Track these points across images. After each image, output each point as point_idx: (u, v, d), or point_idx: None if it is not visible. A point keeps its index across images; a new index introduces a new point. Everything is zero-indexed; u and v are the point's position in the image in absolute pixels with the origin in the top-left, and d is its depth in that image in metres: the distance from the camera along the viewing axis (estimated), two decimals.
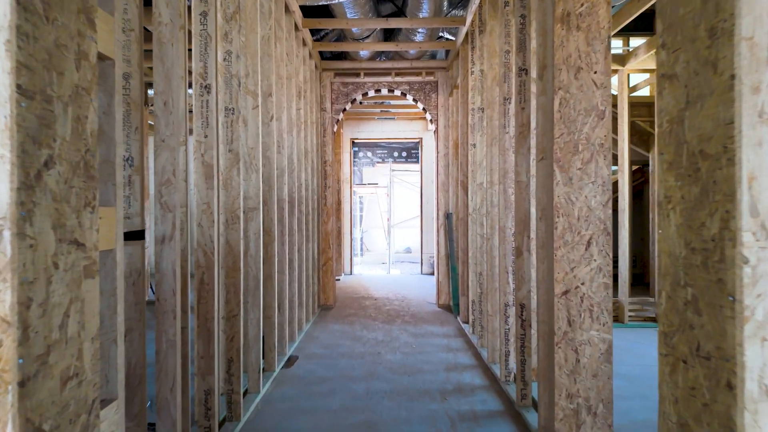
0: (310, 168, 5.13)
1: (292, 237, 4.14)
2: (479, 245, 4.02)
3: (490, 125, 3.57)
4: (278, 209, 3.75)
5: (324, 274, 5.77)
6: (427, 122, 8.69)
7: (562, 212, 2.20)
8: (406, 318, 5.19)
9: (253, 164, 3.02)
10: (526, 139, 2.79)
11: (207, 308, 2.26)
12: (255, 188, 3.02)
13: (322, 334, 4.54)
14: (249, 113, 3.02)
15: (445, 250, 5.73)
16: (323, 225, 5.75)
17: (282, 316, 3.78)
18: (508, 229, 3.17)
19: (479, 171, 4.02)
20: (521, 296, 2.79)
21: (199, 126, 2.26)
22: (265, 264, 3.40)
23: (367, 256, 12.48)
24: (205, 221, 2.25)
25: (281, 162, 3.76)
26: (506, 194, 3.17)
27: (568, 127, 2.20)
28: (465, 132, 4.79)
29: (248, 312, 3.03)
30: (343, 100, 5.75)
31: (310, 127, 5.14)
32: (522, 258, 2.79)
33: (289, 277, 4.12)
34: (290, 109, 4.10)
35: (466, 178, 4.81)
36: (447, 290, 5.75)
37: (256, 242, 3.02)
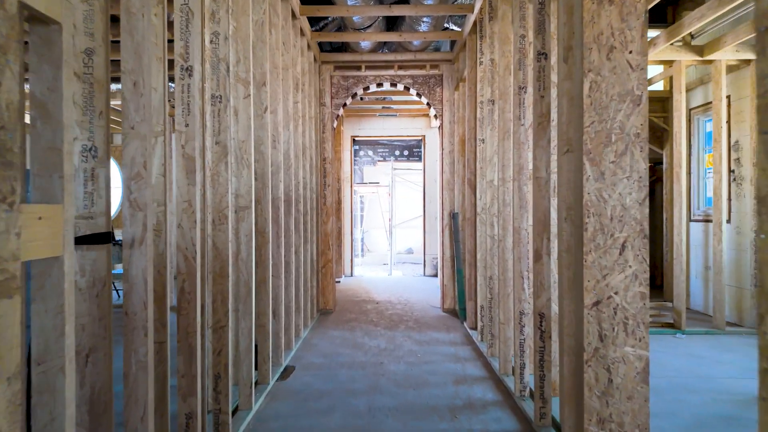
0: (309, 165, 4.86)
1: (289, 238, 3.87)
2: (489, 247, 3.75)
3: (503, 118, 3.30)
4: (273, 208, 3.48)
5: (323, 276, 5.50)
6: (430, 119, 8.42)
7: (593, 212, 1.93)
8: (409, 323, 4.92)
9: (244, 159, 2.75)
10: (546, 130, 2.52)
11: (188, 321, 1.99)
12: (247, 185, 2.75)
13: (321, 341, 4.27)
14: (240, 103, 2.75)
15: (451, 251, 5.46)
16: (322, 225, 5.48)
17: (277, 323, 3.51)
18: (524, 230, 2.90)
19: (489, 167, 3.75)
20: (540, 305, 2.52)
21: (180, 114, 1.99)
22: (258, 268, 3.13)
23: (368, 257, 12.22)
24: (186, 222, 1.99)
25: (276, 158, 3.49)
26: (521, 192, 2.90)
27: (600, 114, 1.93)
28: (473, 127, 4.52)
29: (239, 321, 2.76)
30: (343, 94, 5.48)
31: (308, 122, 4.87)
32: (541, 262, 2.52)
33: (285, 282, 3.85)
34: (286, 101, 3.83)
35: (473, 176, 4.55)
36: (452, 294, 5.48)
37: (248, 244, 2.75)
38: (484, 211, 4.07)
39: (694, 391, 3.03)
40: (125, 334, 1.59)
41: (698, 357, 3.76)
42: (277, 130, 3.49)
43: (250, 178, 2.75)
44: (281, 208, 3.51)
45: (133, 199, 1.58)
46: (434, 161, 8.44)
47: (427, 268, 8.55)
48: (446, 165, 5.48)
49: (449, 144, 5.45)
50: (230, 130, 2.42)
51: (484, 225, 4.07)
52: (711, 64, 4.60)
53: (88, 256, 1.53)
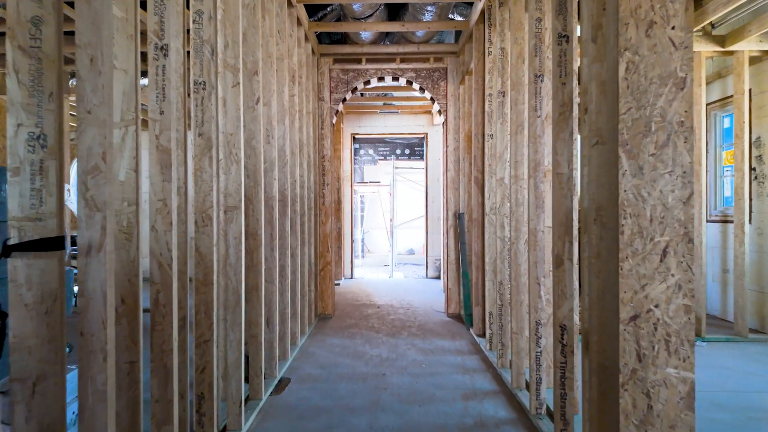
0: (306, 163, 4.60)
1: (284, 240, 3.62)
2: (499, 250, 3.49)
3: (515, 110, 3.05)
4: (266, 208, 3.22)
5: (322, 280, 5.24)
6: (432, 116, 8.17)
7: (631, 212, 1.68)
8: (412, 330, 4.66)
9: (233, 154, 2.49)
10: (568, 121, 2.26)
11: (163, 337, 1.73)
12: (236, 183, 2.49)
13: (319, 349, 4.01)
14: (228, 93, 2.49)
15: (455, 253, 5.20)
16: (321, 226, 5.22)
17: (271, 332, 3.25)
18: (540, 232, 2.64)
19: (499, 165, 3.49)
20: (562, 316, 2.27)
21: (154, 99, 1.73)
22: (249, 273, 2.87)
23: (369, 258, 11.96)
24: (161, 223, 1.73)
25: (270, 154, 3.23)
26: (538, 190, 2.64)
27: (638, 100, 1.68)
28: (480, 122, 4.26)
29: (227, 333, 2.50)
30: (342, 88, 5.23)
31: (305, 118, 4.61)
32: (563, 269, 2.26)
33: (281, 287, 3.60)
34: (281, 94, 3.58)
35: (480, 174, 4.29)
36: (457, 298, 5.22)
37: (237, 248, 2.49)
38: (493, 212, 3.82)
39: (725, 408, 2.78)
40: (80, 359, 1.33)
41: (723, 368, 3.50)
42: (271, 124, 3.23)
43: (239, 175, 2.50)
44: (275, 208, 3.25)
45: (89, 197, 1.33)
46: (437, 160, 8.18)
47: (430, 269, 8.29)
48: (451, 163, 5.23)
49: (454, 141, 5.19)
50: (215, 121, 2.17)
51: (494, 226, 3.81)
52: (732, 55, 4.35)
53: (36, 266, 1.28)
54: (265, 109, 3.22)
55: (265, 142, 3.23)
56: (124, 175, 1.69)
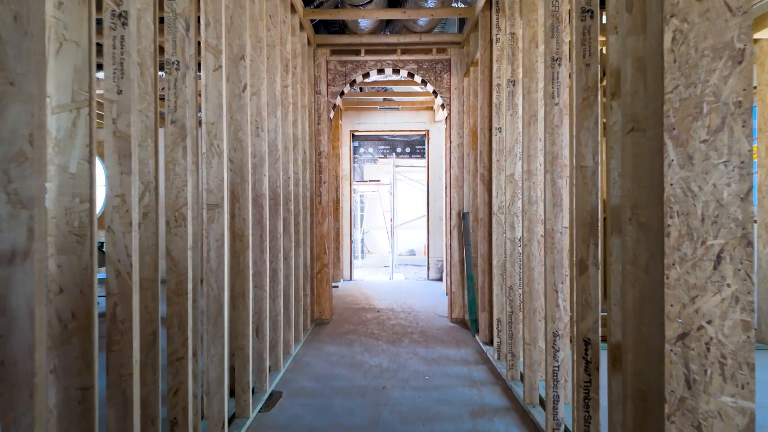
0: (301, 159, 4.33)
1: (276, 241, 3.35)
2: (509, 252, 3.22)
3: (528, 99, 2.77)
4: (255, 207, 2.95)
5: (318, 283, 4.97)
6: (434, 113, 7.89)
7: (679, 210, 1.41)
8: (414, 336, 4.39)
9: (214, 145, 2.22)
10: (593, 108, 1.99)
11: (122, 359, 1.46)
12: (217, 178, 2.22)
13: (315, 359, 3.74)
14: (209, 77, 2.22)
15: (459, 255, 4.93)
16: (317, 226, 4.95)
17: (261, 342, 2.98)
18: (558, 233, 2.37)
19: (509, 160, 3.22)
20: (586, 328, 2.00)
21: (111, 76, 1.46)
22: (235, 279, 2.60)
23: (369, 258, 11.69)
24: (118, 224, 1.46)
25: (260, 148, 2.96)
26: (555, 186, 2.37)
27: (687, 76, 1.41)
28: (486, 115, 3.99)
29: (208, 347, 2.23)
30: (340, 81, 4.95)
31: (300, 111, 4.34)
32: (587, 275, 1.99)
33: (272, 292, 3.33)
34: (273, 83, 3.31)
35: (487, 171, 4.02)
36: (461, 302, 4.95)
37: (219, 251, 2.22)
38: (501, 211, 3.54)
39: (762, 429, 2.51)
40: (1, 393, 1.06)
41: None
42: (261, 116, 2.96)
43: (221, 170, 2.22)
44: (266, 206, 2.98)
45: (12, 190, 1.06)
46: (439, 157, 7.91)
47: (431, 271, 8.02)
48: (454, 160, 4.95)
49: (458, 136, 4.92)
50: (190, 106, 1.90)
51: (502, 226, 3.54)
52: (756, 44, 4.08)
53: None
54: (254, 98, 2.95)
55: (254, 135, 2.96)
56: (76, 167, 1.43)
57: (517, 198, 3.19)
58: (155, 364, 1.79)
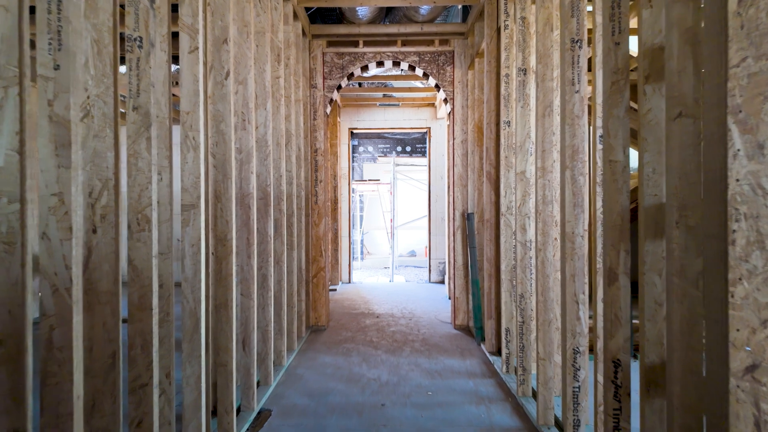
0: (295, 157, 4.07)
1: (266, 245, 3.08)
2: (519, 257, 2.95)
3: (542, 88, 2.51)
4: (242, 208, 2.69)
5: (314, 287, 4.70)
6: (436, 109, 7.63)
7: (746, 212, 1.14)
8: (416, 345, 4.12)
9: (189, 138, 1.95)
10: (623, 93, 1.72)
11: (60, 395, 1.19)
12: (193, 175, 1.96)
13: (309, 371, 3.47)
14: (184, 60, 1.96)
15: (464, 258, 4.66)
16: (313, 228, 4.68)
17: (248, 356, 2.72)
18: (579, 236, 2.10)
19: (519, 156, 2.95)
20: (615, 347, 1.73)
21: (45, 48, 1.20)
22: (218, 288, 2.34)
23: (368, 260, 11.43)
24: (55, 229, 1.19)
25: (247, 142, 2.70)
26: (576, 184, 2.10)
27: (757, 46, 1.14)
28: (493, 109, 3.72)
29: (184, 367, 1.96)
30: (337, 74, 4.69)
31: (294, 106, 4.07)
32: (617, 286, 1.73)
33: (261, 301, 3.06)
34: (263, 73, 3.04)
35: (494, 169, 3.75)
36: (465, 308, 4.68)
37: (195, 258, 1.96)
38: (510, 211, 3.28)
39: None
40: None
41: None
42: (248, 107, 2.70)
43: (197, 165, 1.96)
44: (253, 207, 2.72)
45: None
46: (440, 155, 7.64)
47: (433, 273, 7.75)
48: (458, 157, 4.69)
49: (461, 132, 4.65)
50: (157, 90, 1.63)
51: (511, 228, 3.27)
52: None
53: None
54: (240, 88, 2.69)
55: (239, 128, 2.69)
56: (3, 159, 1.16)
57: (529, 197, 2.92)
58: (115, 392, 1.53)
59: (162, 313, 1.87)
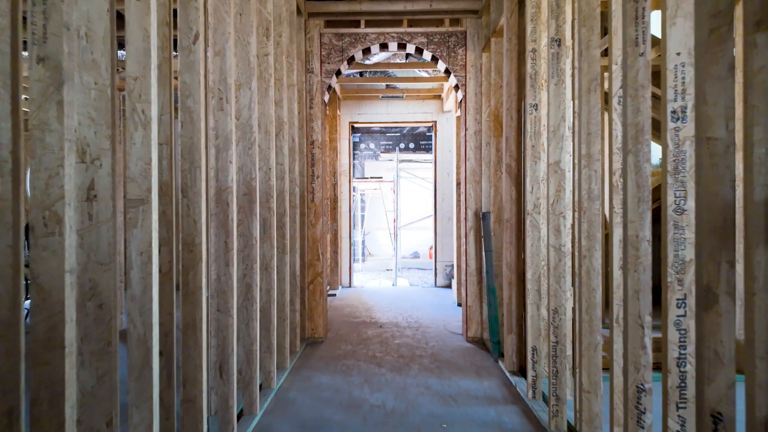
0: (288, 148, 3.60)
1: (251, 249, 2.61)
2: (553, 263, 2.47)
3: (587, 57, 2.03)
4: (219, 204, 2.22)
5: (311, 295, 4.23)
6: (442, 102, 7.15)
7: None
8: (424, 361, 3.65)
9: (137, 111, 1.48)
10: (725, 44, 1.25)
11: None
12: (143, 159, 1.49)
13: (302, 394, 3.00)
14: (131, 7, 1.49)
15: (477, 263, 4.19)
16: (309, 228, 4.21)
17: (225, 384, 2.25)
18: (644, 241, 1.63)
19: (553, 143, 2.47)
20: (714, 395, 1.25)
21: None
22: (184, 305, 1.87)
23: (370, 261, 10.95)
24: None
25: (224, 125, 2.23)
26: (641, 173, 1.63)
27: None
28: (513, 93, 3.25)
29: (131, 415, 1.49)
30: (336, 57, 4.21)
31: (288, 91, 3.61)
32: (717, 311, 1.25)
33: (244, 315, 2.59)
34: (247, 46, 2.57)
35: (515, 161, 3.28)
36: (479, 318, 4.21)
37: (145, 269, 1.49)
38: (538, 210, 2.80)
39: None
40: None
41: None
42: (226, 83, 2.23)
43: (148, 148, 1.49)
44: (232, 204, 2.24)
45: None
46: (447, 151, 7.17)
47: (439, 277, 7.27)
48: (470, 150, 4.21)
49: (475, 122, 4.17)
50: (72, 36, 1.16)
51: (539, 229, 2.80)
52: None
53: None
54: (217, 60, 2.22)
55: (216, 108, 2.22)
56: None
57: (563, 192, 2.45)
58: None
59: (100, 343, 1.40)
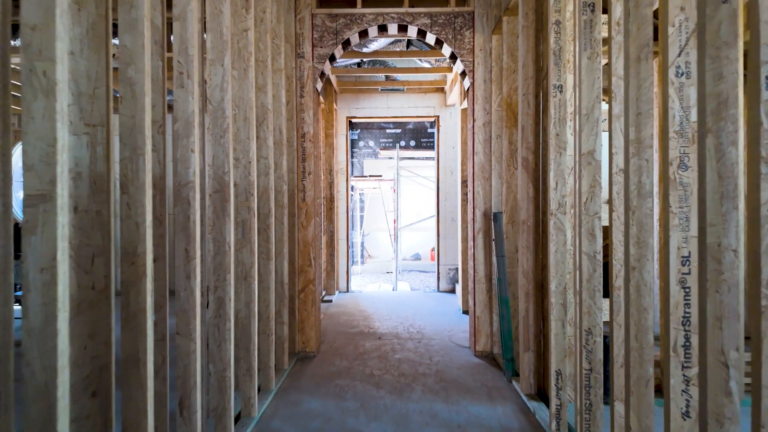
0: (273, 140, 3.19)
1: (223, 256, 2.19)
2: (586, 275, 2.05)
3: (636, 17, 1.62)
4: (178, 203, 1.80)
5: (302, 305, 3.82)
6: (445, 95, 6.73)
7: None
8: (429, 381, 3.23)
9: (37, 73, 1.07)
10: None
11: None
12: (44, 140, 1.07)
13: (288, 424, 2.59)
14: None
15: (486, 269, 3.77)
16: (300, 231, 3.80)
17: (188, 423, 1.83)
18: (729, 250, 1.21)
19: (586, 128, 2.05)
20: None
21: None
22: (124, 330, 1.46)
23: (369, 263, 10.53)
24: None
25: (185, 105, 1.81)
26: (725, 160, 1.21)
27: None
28: (531, 75, 2.84)
29: None
30: (329, 41, 3.80)
31: (274, 75, 3.20)
32: None
33: (215, 335, 2.17)
34: (218, 15, 2.16)
35: (532, 154, 2.86)
36: (488, 330, 3.79)
37: (49, 293, 1.07)
38: (563, 209, 2.39)
39: None
40: None
41: None
42: (187, 54, 1.81)
43: (52, 123, 1.07)
44: (194, 203, 1.83)
45: None
46: (451, 148, 6.75)
47: (442, 281, 6.85)
48: (478, 144, 3.80)
49: (484, 113, 3.76)
50: None
51: (564, 232, 2.38)
52: None
53: None
54: (177, 26, 1.81)
55: (177, 85, 1.81)
56: None
57: (599, 188, 2.03)
58: None
59: None
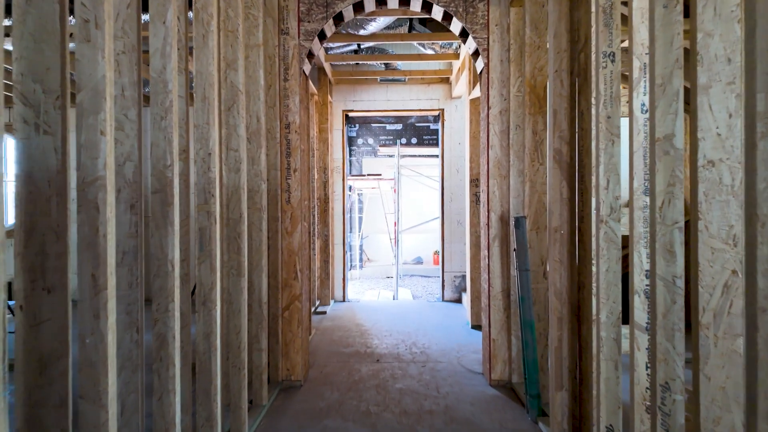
0: (247, 128, 2.63)
1: (164, 279, 1.63)
2: (662, 308, 1.48)
3: None
4: (83, 209, 1.24)
5: (286, 325, 3.25)
6: (451, 87, 6.17)
7: None
8: (436, 422, 2.67)
9: None
10: None
11: None
12: None
13: None
14: None
15: (504, 283, 3.21)
16: (284, 238, 3.23)
17: None
18: None
19: (661, 104, 1.47)
20: None
21: None
22: None
23: (368, 268, 9.97)
24: None
25: (91, 67, 1.25)
26: None
27: None
28: (565, 49, 2.28)
29: None
30: (318, 14, 3.24)
31: (246, 50, 2.64)
32: None
33: (157, 385, 1.61)
34: None
35: (567, 144, 2.30)
36: (506, 356, 3.23)
37: None
38: (616, 216, 1.82)
39: None
40: None
41: None
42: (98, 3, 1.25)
43: None
44: (105, 208, 1.27)
45: None
46: (457, 144, 6.19)
47: (447, 290, 6.29)
48: (494, 135, 3.23)
49: (500, 99, 3.20)
50: None
51: (618, 246, 1.82)
52: None
53: None
54: None
55: (82, 38, 1.25)
56: None
57: (680, 187, 1.47)
58: None
59: None
